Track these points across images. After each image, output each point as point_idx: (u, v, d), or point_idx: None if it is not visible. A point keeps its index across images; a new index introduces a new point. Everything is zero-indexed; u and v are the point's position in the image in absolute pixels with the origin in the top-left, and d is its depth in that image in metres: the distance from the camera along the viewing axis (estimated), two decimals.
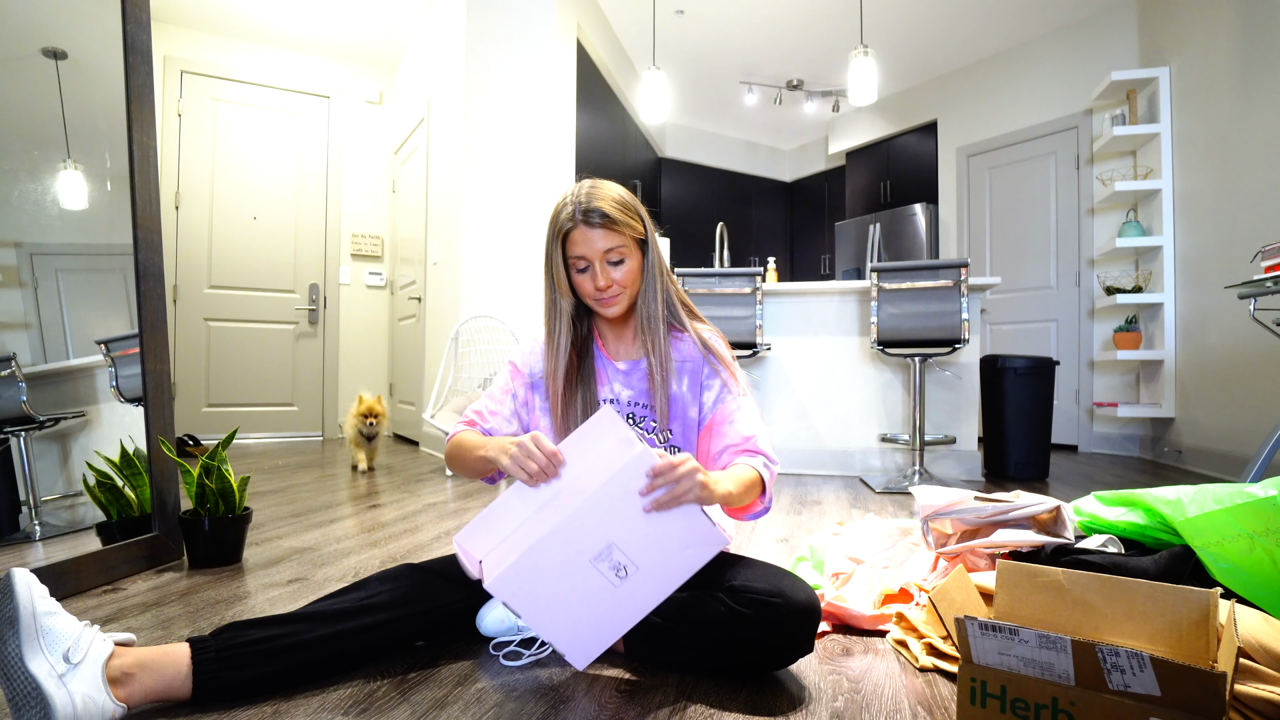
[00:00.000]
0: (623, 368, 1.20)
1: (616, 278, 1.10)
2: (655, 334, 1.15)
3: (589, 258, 1.09)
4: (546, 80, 3.72)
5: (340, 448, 4.33)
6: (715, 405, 1.17)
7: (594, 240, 1.08)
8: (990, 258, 5.00)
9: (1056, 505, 1.38)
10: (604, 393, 1.19)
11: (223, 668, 0.94)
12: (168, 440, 1.73)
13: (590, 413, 1.15)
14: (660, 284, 1.16)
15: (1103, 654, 0.74)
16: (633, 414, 1.18)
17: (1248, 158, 3.14)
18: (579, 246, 1.09)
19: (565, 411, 1.16)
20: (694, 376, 1.18)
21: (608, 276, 1.10)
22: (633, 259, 1.12)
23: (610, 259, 1.10)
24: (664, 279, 1.17)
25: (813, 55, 5.18)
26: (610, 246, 1.09)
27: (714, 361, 1.17)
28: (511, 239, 3.69)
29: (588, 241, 1.08)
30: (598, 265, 1.09)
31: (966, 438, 3.26)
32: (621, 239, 1.09)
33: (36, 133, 1.69)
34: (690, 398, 1.18)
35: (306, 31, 4.58)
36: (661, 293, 1.16)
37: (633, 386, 1.19)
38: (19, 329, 1.66)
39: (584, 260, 1.10)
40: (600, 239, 1.08)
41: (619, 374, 1.20)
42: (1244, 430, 3.11)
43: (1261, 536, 1.05)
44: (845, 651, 1.20)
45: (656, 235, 1.17)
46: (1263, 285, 2.17)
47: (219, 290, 4.51)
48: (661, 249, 1.20)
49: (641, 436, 1.17)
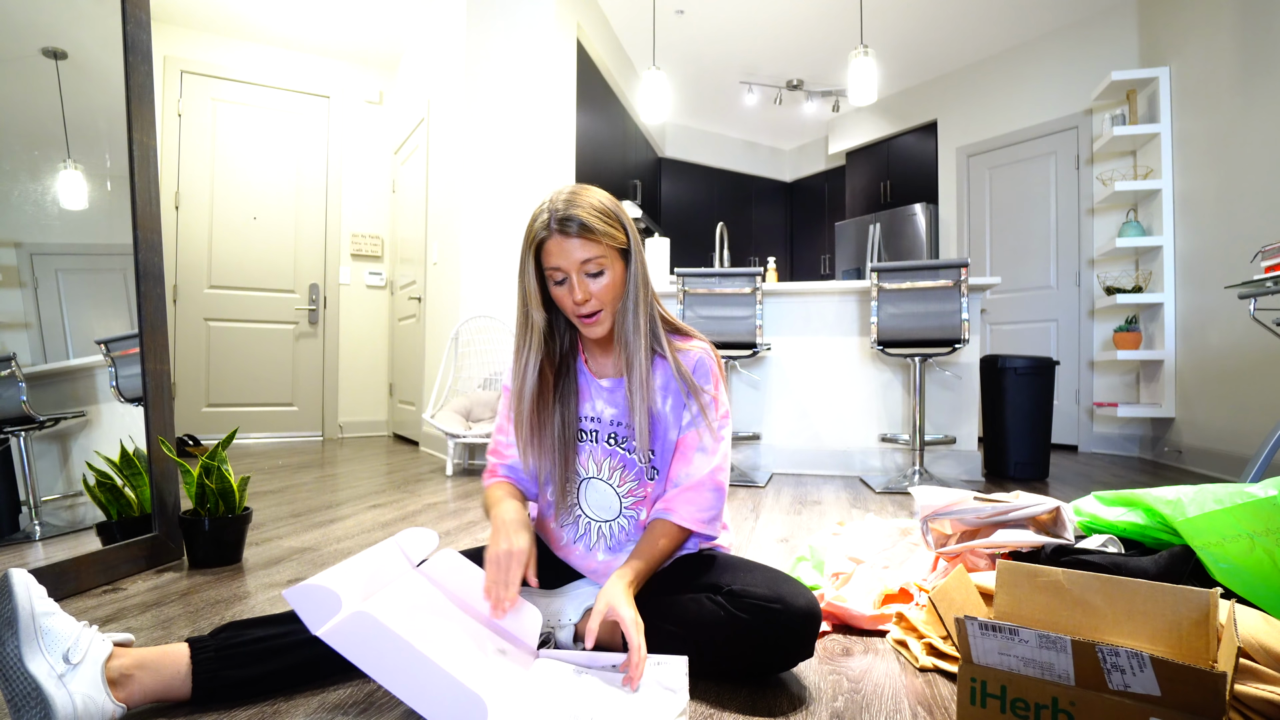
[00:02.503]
0: (606, 385, 1.14)
1: (595, 290, 1.03)
2: (635, 352, 1.07)
3: (565, 269, 1.02)
4: (546, 80, 3.72)
5: (341, 447, 4.32)
6: (685, 430, 1.13)
7: (570, 250, 1.00)
8: (990, 258, 5.00)
9: (1056, 506, 1.38)
10: (585, 410, 1.15)
11: (222, 667, 0.94)
12: (168, 440, 1.73)
13: (569, 432, 1.13)
14: (644, 297, 1.09)
15: (1103, 654, 0.74)
16: (614, 433, 1.14)
17: (1248, 158, 3.14)
18: (554, 257, 1.02)
19: (535, 433, 1.11)
20: (678, 397, 1.13)
21: (585, 289, 1.02)
22: (613, 270, 1.04)
23: (588, 270, 1.02)
24: (648, 293, 1.10)
25: (813, 55, 5.18)
26: (588, 257, 1.01)
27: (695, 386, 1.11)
28: (512, 239, 3.69)
29: (564, 252, 1.01)
30: (575, 277, 1.02)
31: (966, 438, 3.26)
32: (600, 249, 1.02)
33: (36, 133, 1.69)
34: (672, 419, 1.13)
35: (306, 31, 4.58)
36: (645, 306, 1.09)
37: (616, 405, 1.14)
38: (19, 329, 1.66)
39: (560, 272, 1.02)
40: (577, 249, 1.00)
41: (602, 391, 1.15)
42: (1244, 430, 3.11)
43: (1261, 536, 1.05)
44: (845, 651, 1.20)
45: (641, 246, 1.09)
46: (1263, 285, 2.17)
47: (219, 290, 4.51)
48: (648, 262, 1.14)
49: (624, 460, 1.14)
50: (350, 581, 0.89)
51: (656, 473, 1.14)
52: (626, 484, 1.14)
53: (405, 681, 0.78)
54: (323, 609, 0.80)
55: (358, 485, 2.91)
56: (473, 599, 1.02)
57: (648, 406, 1.09)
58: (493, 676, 0.90)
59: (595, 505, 1.16)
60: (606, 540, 1.16)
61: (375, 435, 5.07)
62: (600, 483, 1.15)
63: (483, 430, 3.27)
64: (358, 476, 3.16)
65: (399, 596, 0.93)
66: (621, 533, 1.16)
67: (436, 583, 1.03)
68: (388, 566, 1.00)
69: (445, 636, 0.90)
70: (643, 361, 1.08)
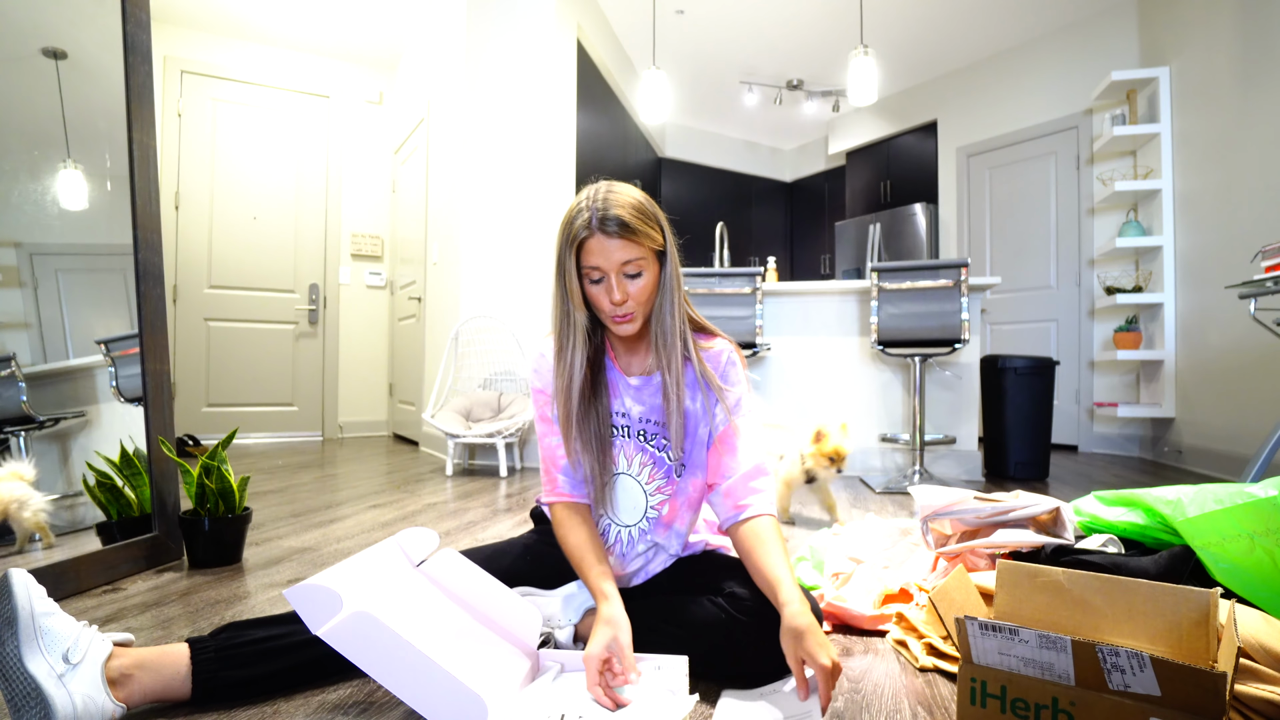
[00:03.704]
0: (634, 383, 1.14)
1: (632, 291, 1.02)
2: (671, 350, 1.07)
3: (604, 269, 1.01)
4: (546, 80, 3.72)
5: (341, 447, 4.32)
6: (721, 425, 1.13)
7: (611, 251, 1.00)
8: (990, 258, 5.00)
9: (1056, 506, 1.38)
10: (615, 405, 1.14)
11: (222, 668, 0.94)
12: (168, 440, 1.73)
13: (604, 429, 1.11)
14: (678, 298, 1.09)
15: (1103, 654, 0.74)
16: (644, 430, 1.13)
17: (1248, 158, 3.14)
18: (594, 257, 1.01)
19: (579, 428, 1.09)
20: (707, 394, 1.13)
21: (624, 290, 1.02)
22: (650, 272, 1.04)
23: (627, 271, 1.01)
24: (680, 293, 1.10)
25: (813, 55, 5.17)
26: (629, 259, 1.00)
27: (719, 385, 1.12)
28: (512, 239, 3.69)
29: (604, 252, 1.00)
30: (613, 278, 1.01)
31: (966, 438, 3.26)
32: (640, 250, 1.01)
33: (36, 133, 1.69)
34: (702, 414, 1.13)
35: (306, 32, 4.58)
36: (679, 307, 1.09)
37: (643, 402, 1.14)
38: (19, 329, 1.66)
39: (599, 271, 1.02)
40: (618, 250, 1.00)
41: (630, 388, 1.14)
42: (1244, 430, 3.11)
43: (1262, 536, 1.05)
44: (845, 651, 1.20)
45: (676, 245, 1.09)
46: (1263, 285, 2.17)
47: (219, 290, 4.51)
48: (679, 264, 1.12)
49: (654, 457, 1.14)
50: (351, 581, 0.89)
51: (684, 469, 1.14)
52: (655, 481, 1.13)
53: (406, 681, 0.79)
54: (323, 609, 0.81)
55: (358, 485, 2.91)
56: (472, 599, 1.02)
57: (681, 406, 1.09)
58: (492, 676, 0.90)
59: (622, 507, 1.15)
60: (623, 545, 1.16)
61: (375, 435, 5.07)
62: (629, 479, 1.14)
63: (483, 430, 3.27)
64: (358, 476, 3.16)
65: (399, 596, 0.94)
66: (641, 535, 1.15)
67: (437, 582, 1.03)
68: (388, 566, 1.00)
69: (445, 636, 0.91)
70: (678, 361, 1.08)
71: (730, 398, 1.12)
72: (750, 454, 1.11)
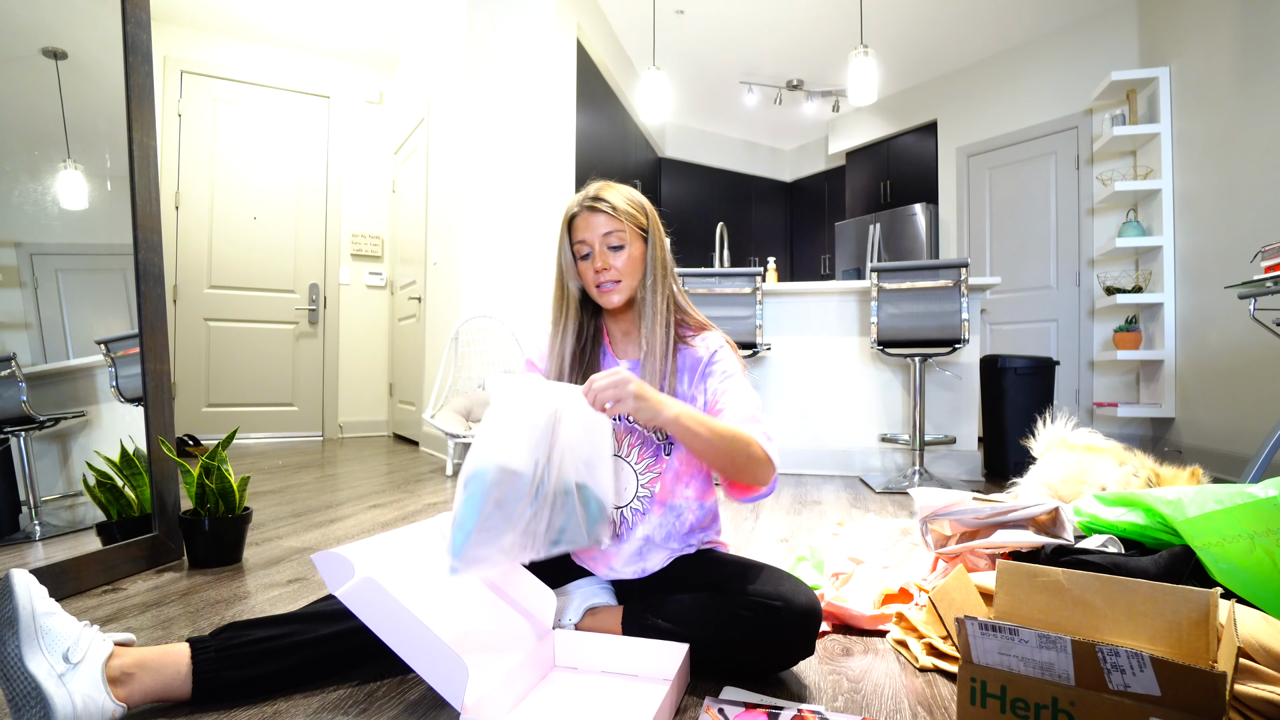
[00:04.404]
0: (625, 365, 1.20)
1: (615, 264, 1.12)
2: (654, 328, 1.15)
3: (589, 242, 1.13)
4: (546, 80, 3.72)
5: (341, 447, 4.32)
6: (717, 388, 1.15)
7: (595, 224, 1.12)
8: (990, 258, 5.00)
9: (1055, 506, 1.38)
10: None
11: (223, 668, 0.94)
12: (168, 440, 1.73)
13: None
14: (664, 282, 1.17)
15: (1103, 654, 0.74)
16: None
17: (1248, 158, 3.14)
18: (580, 231, 1.13)
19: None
20: (693, 374, 1.17)
21: (605, 259, 1.12)
22: (633, 248, 1.14)
23: (610, 243, 1.12)
24: (668, 279, 1.18)
25: (813, 55, 5.18)
26: (610, 230, 1.12)
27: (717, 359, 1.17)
28: (512, 239, 3.69)
29: (589, 226, 1.13)
30: (597, 248, 1.12)
31: (966, 438, 3.26)
32: (621, 225, 1.13)
33: (36, 133, 1.69)
34: (691, 398, 1.17)
35: (306, 32, 4.58)
36: (664, 290, 1.17)
37: None
38: (19, 329, 1.66)
39: (585, 245, 1.13)
40: (601, 223, 1.12)
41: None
42: (1244, 430, 3.11)
43: (1262, 537, 1.05)
44: (845, 651, 1.20)
45: (663, 234, 1.19)
46: (1263, 285, 2.17)
47: (219, 290, 4.51)
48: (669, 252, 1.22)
49: (642, 437, 1.16)
50: (371, 552, 0.97)
51: (672, 446, 1.16)
52: (644, 460, 1.16)
53: (402, 640, 0.87)
54: (340, 574, 0.90)
55: (358, 485, 2.91)
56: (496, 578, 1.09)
57: (669, 387, 1.14)
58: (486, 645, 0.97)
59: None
60: (617, 526, 1.17)
61: (375, 435, 5.07)
62: (619, 460, 1.16)
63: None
64: (358, 476, 3.16)
65: (419, 568, 1.01)
66: (635, 515, 1.16)
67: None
68: (420, 543, 1.07)
69: (446, 606, 0.98)
70: (660, 338, 1.15)
71: (718, 370, 1.17)
72: (740, 408, 1.11)
